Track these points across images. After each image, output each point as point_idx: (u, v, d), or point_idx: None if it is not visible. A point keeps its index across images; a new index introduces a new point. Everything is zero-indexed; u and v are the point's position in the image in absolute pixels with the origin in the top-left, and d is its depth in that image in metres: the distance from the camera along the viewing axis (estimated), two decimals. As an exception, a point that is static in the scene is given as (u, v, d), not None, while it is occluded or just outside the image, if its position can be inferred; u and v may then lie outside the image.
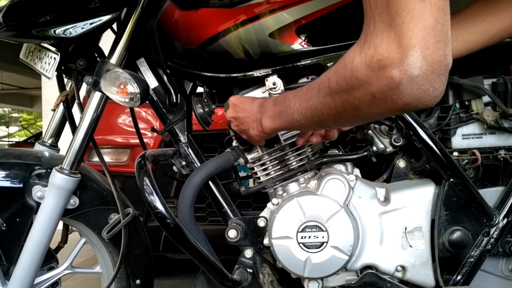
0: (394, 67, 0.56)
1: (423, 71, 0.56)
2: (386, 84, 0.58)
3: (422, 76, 0.56)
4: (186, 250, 0.92)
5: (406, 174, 1.01)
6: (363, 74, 0.60)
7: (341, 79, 0.65)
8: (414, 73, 0.56)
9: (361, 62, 0.60)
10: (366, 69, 0.59)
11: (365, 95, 0.62)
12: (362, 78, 0.60)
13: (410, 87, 0.57)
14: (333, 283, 0.99)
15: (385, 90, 0.59)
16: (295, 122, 0.79)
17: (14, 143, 17.68)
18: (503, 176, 0.96)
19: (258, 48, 0.94)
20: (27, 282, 0.93)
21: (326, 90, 0.69)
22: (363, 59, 0.60)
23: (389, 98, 0.59)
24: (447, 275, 0.94)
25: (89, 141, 0.97)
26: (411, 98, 0.58)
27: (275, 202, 1.01)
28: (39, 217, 0.93)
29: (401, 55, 0.55)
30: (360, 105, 0.64)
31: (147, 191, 0.88)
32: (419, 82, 0.56)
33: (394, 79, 0.57)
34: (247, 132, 0.92)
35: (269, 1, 0.91)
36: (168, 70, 1.08)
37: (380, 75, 0.58)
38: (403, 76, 0.56)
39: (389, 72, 0.57)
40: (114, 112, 1.94)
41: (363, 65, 0.60)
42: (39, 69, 1.02)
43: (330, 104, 0.69)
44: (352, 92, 0.63)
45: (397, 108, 0.61)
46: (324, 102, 0.70)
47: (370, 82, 0.60)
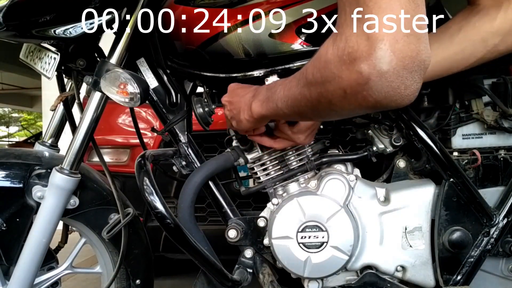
0: (363, 61, 0.53)
1: (393, 66, 0.52)
2: (355, 79, 0.55)
3: (392, 72, 0.53)
4: (186, 250, 0.92)
5: (406, 174, 1.01)
6: (335, 67, 0.57)
7: (316, 71, 0.63)
8: (383, 68, 0.52)
9: (334, 55, 0.58)
10: (338, 62, 0.57)
11: (337, 90, 0.59)
12: (334, 71, 0.58)
13: (379, 83, 0.53)
14: (333, 283, 0.99)
15: (355, 86, 0.56)
16: (279, 110, 0.77)
17: (14, 143, 17.68)
18: (503, 176, 0.96)
19: (258, 48, 0.94)
20: (27, 282, 0.93)
21: (303, 80, 0.67)
22: (335, 52, 0.57)
23: (359, 94, 0.56)
24: (447, 275, 0.94)
25: (89, 141, 0.97)
26: (381, 95, 0.55)
27: (275, 202, 1.01)
28: (39, 217, 0.93)
29: (369, 48, 0.52)
30: (333, 99, 0.61)
31: (147, 191, 0.88)
32: (388, 78, 0.53)
33: (363, 74, 0.54)
34: (237, 117, 0.89)
35: (269, 1, 0.91)
36: (168, 70, 1.08)
37: (350, 69, 0.55)
38: (372, 71, 0.53)
39: (358, 66, 0.54)
40: (114, 112, 1.94)
41: (335, 57, 0.57)
42: (39, 69, 1.02)
43: (307, 95, 0.67)
44: (325, 85, 0.61)
45: (368, 105, 0.58)
46: (302, 93, 0.68)
47: (341, 76, 0.57)
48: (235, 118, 0.91)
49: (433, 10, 0.96)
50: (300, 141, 0.93)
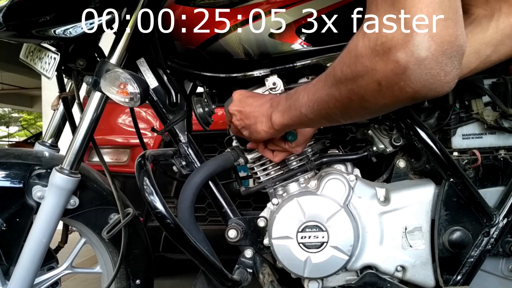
0: (399, 49, 0.51)
1: (432, 52, 0.50)
2: (391, 69, 0.53)
3: (430, 58, 0.51)
4: (186, 250, 0.92)
5: (406, 174, 1.01)
6: (368, 59, 0.56)
7: (346, 67, 0.61)
8: (422, 54, 0.50)
9: (365, 47, 0.56)
10: (370, 54, 0.55)
11: (370, 83, 0.57)
12: (366, 63, 0.56)
13: (418, 71, 0.51)
14: (333, 283, 0.99)
15: (391, 76, 0.53)
16: (303, 116, 0.74)
17: (14, 143, 17.68)
18: (503, 176, 0.96)
19: (258, 48, 0.94)
20: (27, 282, 0.93)
21: (331, 80, 0.65)
22: (367, 43, 0.55)
23: (396, 85, 0.54)
24: (447, 275, 0.94)
25: (89, 141, 0.97)
26: (420, 84, 0.52)
27: (275, 202, 1.01)
28: (39, 217, 0.93)
29: (406, 35, 0.51)
30: (366, 95, 0.59)
31: (147, 191, 0.88)
32: (428, 65, 0.51)
33: (400, 62, 0.52)
34: (252, 127, 0.87)
35: (269, 1, 0.91)
36: (168, 70, 1.08)
37: (385, 59, 0.53)
38: (410, 59, 0.51)
39: (394, 55, 0.52)
40: (114, 112, 1.94)
41: (367, 49, 0.55)
42: (39, 69, 1.02)
43: (336, 95, 0.65)
44: (357, 80, 0.59)
45: (405, 96, 0.55)
46: (330, 93, 0.66)
47: (375, 68, 0.55)
48: (249, 128, 0.89)
49: (433, 10, 0.96)
50: (298, 152, 0.95)
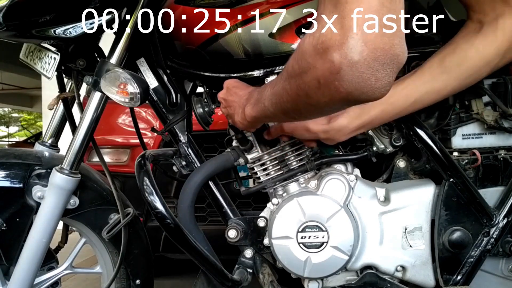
0: (335, 50, 0.53)
1: (364, 57, 0.52)
2: (328, 68, 0.55)
3: (362, 62, 0.52)
4: (186, 250, 0.92)
5: (406, 174, 1.01)
6: (310, 56, 0.58)
7: (295, 62, 0.63)
8: (354, 58, 0.52)
9: (309, 44, 0.58)
10: (312, 51, 0.57)
11: (312, 80, 0.59)
12: (309, 60, 0.58)
13: (350, 73, 0.53)
14: (333, 283, 0.99)
15: (328, 75, 0.56)
16: (266, 109, 0.77)
17: (14, 143, 17.68)
18: (503, 176, 0.96)
19: (258, 48, 0.94)
20: (27, 282, 0.93)
21: (284, 74, 0.68)
22: (311, 41, 0.58)
23: (331, 84, 0.56)
24: (447, 275, 0.94)
25: (89, 141, 0.97)
26: (352, 86, 0.55)
27: (275, 202, 1.01)
28: (39, 217, 0.93)
29: (342, 37, 0.53)
30: (309, 91, 0.62)
31: (147, 191, 0.88)
32: (359, 68, 0.53)
33: (335, 62, 0.54)
34: (233, 117, 0.92)
35: (269, 1, 0.91)
36: (168, 70, 1.08)
37: (324, 58, 0.55)
38: (343, 60, 0.53)
39: (331, 55, 0.54)
40: (114, 112, 1.94)
41: (310, 47, 0.58)
42: (39, 69, 1.02)
43: (288, 89, 0.67)
44: (302, 76, 0.61)
45: (340, 96, 0.57)
46: (284, 87, 0.68)
47: (316, 66, 0.57)
48: (231, 117, 0.94)
49: (433, 10, 0.96)
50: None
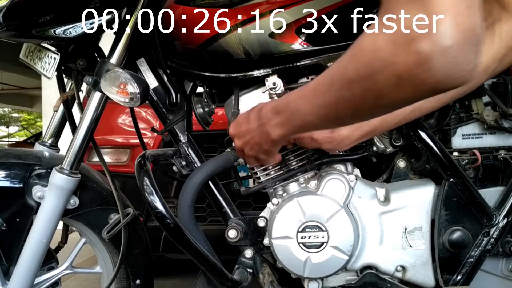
0: (423, 40, 0.50)
1: (456, 40, 0.49)
2: (414, 60, 0.51)
3: (455, 47, 0.49)
4: (186, 250, 0.92)
5: (406, 174, 1.01)
6: (388, 53, 0.54)
7: (361, 65, 0.58)
8: (447, 43, 0.49)
9: (384, 40, 0.54)
10: (391, 47, 0.53)
11: (389, 78, 0.55)
12: (386, 57, 0.54)
13: (442, 60, 0.50)
14: (333, 283, 0.99)
15: (413, 68, 0.52)
16: (309, 124, 0.73)
17: (14, 143, 17.68)
18: (503, 176, 0.96)
19: (258, 48, 0.94)
20: (27, 282, 0.93)
21: (342, 81, 0.62)
22: (386, 37, 0.54)
23: (417, 77, 0.53)
24: (447, 275, 0.94)
25: (89, 141, 0.97)
26: (443, 73, 0.51)
27: (275, 202, 1.01)
28: (39, 217, 0.93)
29: (430, 25, 0.49)
30: (383, 91, 0.57)
31: (147, 191, 0.88)
32: (452, 53, 0.50)
33: (424, 53, 0.50)
34: (259, 151, 0.87)
35: (269, 1, 0.91)
36: (168, 70, 1.08)
37: (408, 50, 0.51)
38: (434, 48, 0.50)
39: (418, 45, 0.51)
40: (114, 112, 1.94)
41: (387, 43, 0.54)
42: (39, 69, 1.02)
43: (348, 96, 0.62)
44: (374, 77, 0.57)
45: (426, 88, 0.54)
46: (340, 95, 0.63)
47: (396, 61, 0.53)
48: (260, 153, 0.88)
49: (433, 10, 0.96)
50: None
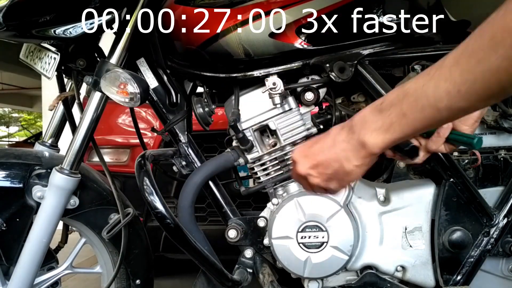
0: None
1: None
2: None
3: None
4: (186, 250, 0.92)
5: (406, 174, 1.01)
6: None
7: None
8: None
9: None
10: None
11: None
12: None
13: None
14: (333, 283, 0.99)
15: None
16: (441, 111, 0.56)
17: (14, 143, 17.68)
18: (503, 176, 0.96)
19: (258, 48, 0.94)
20: (27, 282, 0.93)
21: (508, 41, 0.48)
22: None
23: None
24: (447, 275, 0.94)
25: (89, 141, 0.97)
26: None
27: (275, 202, 1.01)
28: (39, 217, 0.93)
29: None
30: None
31: (147, 191, 0.88)
32: None
33: None
34: (340, 172, 0.70)
35: (269, 1, 0.91)
36: (168, 70, 1.08)
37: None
38: None
39: None
40: (114, 112, 1.94)
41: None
42: (39, 69, 1.02)
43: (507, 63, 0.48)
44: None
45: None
46: (498, 64, 0.50)
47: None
48: (335, 176, 0.72)
49: (433, 10, 0.96)
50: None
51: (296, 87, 1.01)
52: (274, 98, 0.97)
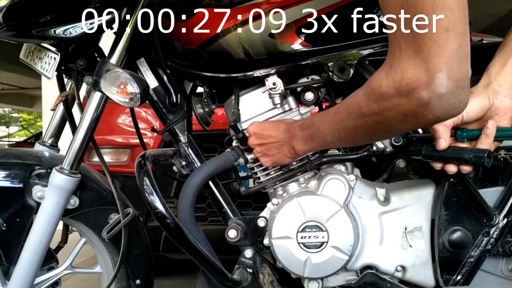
0: (423, 89, 0.61)
1: (449, 89, 0.61)
2: (416, 103, 0.63)
3: (448, 93, 0.61)
4: (186, 250, 0.92)
5: (406, 174, 1.01)
6: (394, 97, 0.65)
7: (372, 103, 0.70)
8: (442, 91, 0.61)
9: (390, 87, 0.65)
10: (395, 93, 0.65)
11: (397, 115, 0.67)
12: (394, 100, 0.66)
13: (439, 103, 0.62)
14: (333, 283, 0.99)
15: (416, 109, 0.64)
16: (328, 143, 0.85)
17: (14, 143, 17.67)
18: (503, 176, 0.96)
19: (258, 48, 0.94)
20: (27, 282, 0.93)
21: (357, 113, 0.74)
22: (391, 84, 0.65)
23: (420, 114, 0.65)
24: (447, 275, 0.94)
25: (89, 141, 0.97)
26: (440, 112, 0.63)
27: (275, 202, 1.01)
28: (39, 217, 0.93)
29: (429, 78, 0.61)
30: (392, 122, 0.69)
31: (147, 191, 0.88)
32: (446, 98, 0.62)
33: (424, 99, 0.62)
34: (275, 156, 0.95)
35: (269, 1, 0.91)
36: (168, 70, 1.08)
37: (410, 96, 0.63)
38: (432, 95, 0.61)
39: (418, 93, 0.62)
40: (114, 112, 1.94)
41: (391, 89, 0.65)
42: (39, 69, 1.02)
43: (363, 125, 0.74)
44: (383, 113, 0.69)
45: (428, 121, 0.66)
46: (356, 124, 0.75)
47: (401, 103, 0.65)
48: (271, 157, 0.96)
49: (433, 10, 0.96)
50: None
51: (296, 87, 1.01)
52: (274, 98, 0.97)
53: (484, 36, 1.74)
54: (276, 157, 0.95)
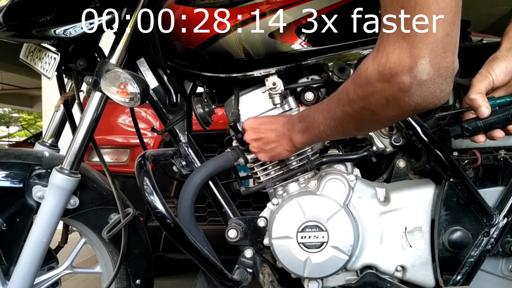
0: (405, 74, 0.62)
1: (431, 76, 0.62)
2: (398, 88, 0.64)
3: (429, 80, 0.62)
4: (186, 250, 0.92)
5: (406, 174, 1.01)
6: (377, 81, 0.66)
7: (358, 87, 0.71)
8: (423, 78, 0.62)
9: (374, 70, 0.66)
10: (378, 77, 0.65)
11: (379, 100, 0.68)
12: (377, 84, 0.66)
13: (419, 89, 0.63)
14: (333, 283, 0.99)
15: (397, 93, 0.65)
16: (321, 133, 0.84)
17: (14, 143, 17.67)
18: (503, 176, 0.96)
19: (258, 48, 0.94)
20: (27, 282, 0.93)
21: (345, 99, 0.75)
22: (376, 67, 0.66)
23: (401, 100, 0.65)
24: (447, 275, 0.94)
25: (89, 141, 0.97)
26: (420, 99, 0.64)
27: (275, 202, 1.01)
28: (39, 217, 0.93)
29: (411, 64, 0.61)
30: (376, 109, 0.70)
31: (147, 191, 0.88)
32: (427, 85, 0.62)
33: (405, 84, 0.63)
34: (274, 150, 0.94)
35: (269, 1, 0.91)
36: (168, 70, 1.08)
37: (393, 81, 0.64)
38: (413, 81, 0.62)
39: (401, 78, 0.63)
40: (114, 112, 1.94)
41: (375, 72, 0.66)
42: (39, 69, 1.02)
43: (349, 112, 0.75)
44: (368, 98, 0.70)
45: (409, 108, 0.66)
46: (344, 111, 0.76)
47: (384, 88, 0.66)
48: (269, 152, 0.95)
49: (433, 10, 0.96)
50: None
51: (296, 87, 1.01)
52: (274, 98, 0.97)
53: (484, 36, 1.74)
54: (274, 151, 0.94)
